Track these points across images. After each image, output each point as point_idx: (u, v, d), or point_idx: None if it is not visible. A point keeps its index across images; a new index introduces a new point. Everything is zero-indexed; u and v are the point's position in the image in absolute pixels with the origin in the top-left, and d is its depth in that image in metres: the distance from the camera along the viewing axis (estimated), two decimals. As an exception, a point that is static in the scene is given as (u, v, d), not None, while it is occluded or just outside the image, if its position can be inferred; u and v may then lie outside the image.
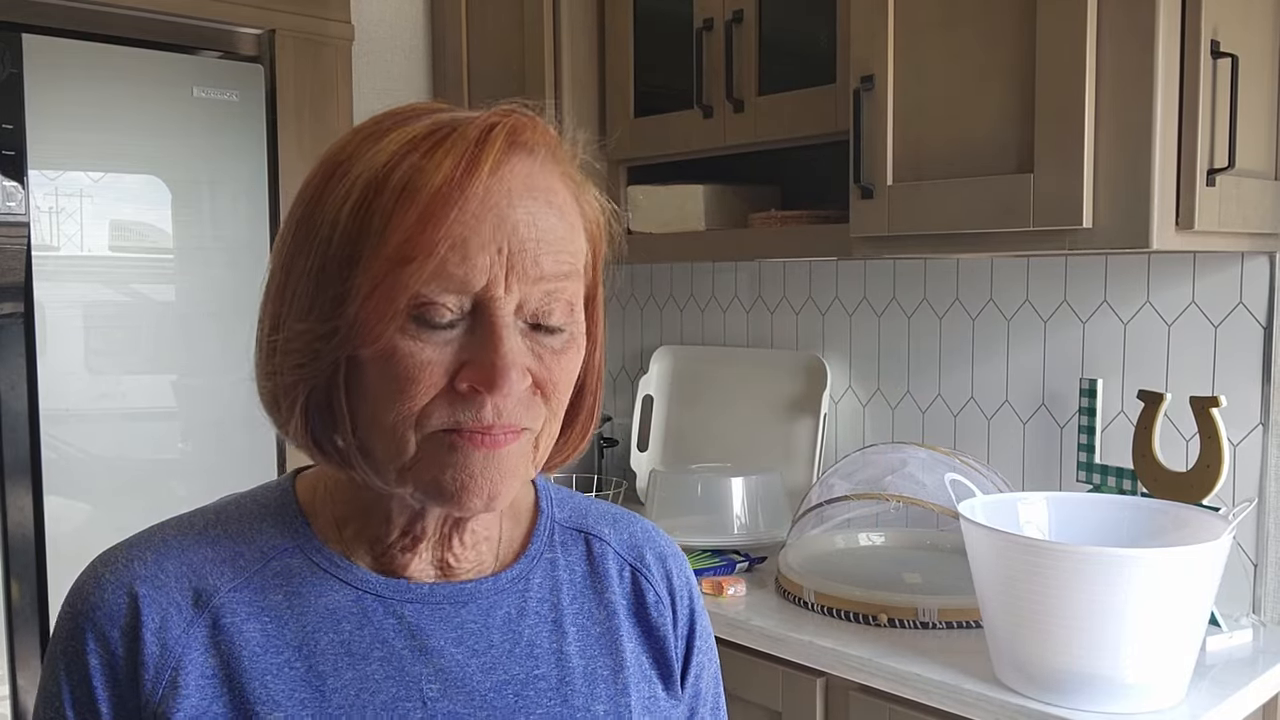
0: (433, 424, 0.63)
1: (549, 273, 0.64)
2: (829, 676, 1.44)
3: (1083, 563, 1.14)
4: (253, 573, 0.69)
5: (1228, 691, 1.27)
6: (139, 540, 0.71)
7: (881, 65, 1.50)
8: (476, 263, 0.61)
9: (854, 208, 1.55)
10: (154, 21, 1.87)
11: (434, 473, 0.64)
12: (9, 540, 1.67)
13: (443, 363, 0.62)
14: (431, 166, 0.62)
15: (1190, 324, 1.58)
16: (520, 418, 0.65)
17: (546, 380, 0.66)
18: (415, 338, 0.62)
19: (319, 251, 0.64)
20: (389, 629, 0.70)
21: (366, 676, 0.68)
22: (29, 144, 1.65)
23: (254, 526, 0.72)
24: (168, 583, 0.68)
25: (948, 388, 1.87)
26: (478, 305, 0.63)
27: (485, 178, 0.62)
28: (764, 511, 1.87)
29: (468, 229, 0.61)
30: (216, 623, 0.67)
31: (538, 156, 0.66)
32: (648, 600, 0.79)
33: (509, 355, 0.62)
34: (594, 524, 0.81)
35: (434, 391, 0.63)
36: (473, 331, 0.63)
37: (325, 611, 0.69)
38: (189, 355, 1.85)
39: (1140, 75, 1.26)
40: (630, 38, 1.96)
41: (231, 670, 0.66)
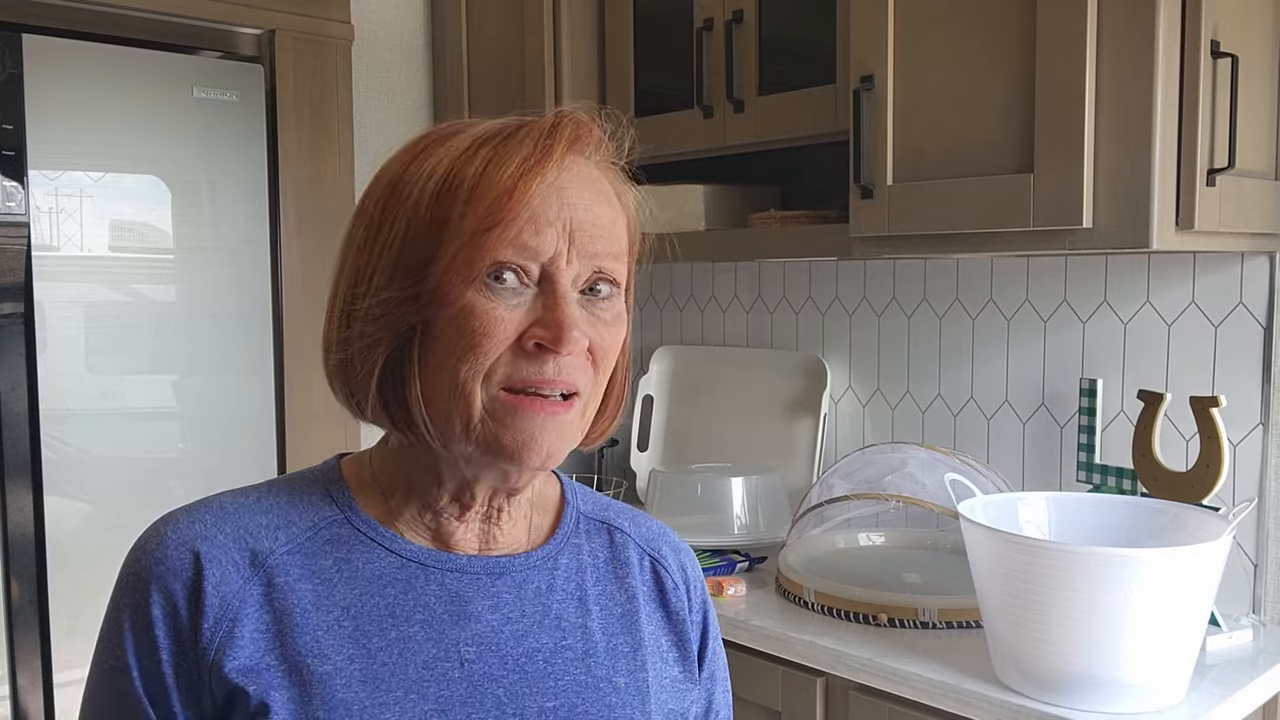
0: (497, 380, 0.70)
1: (602, 251, 0.72)
2: (829, 676, 1.44)
3: (1083, 563, 1.14)
4: (305, 539, 0.75)
5: (1228, 691, 1.27)
6: (198, 505, 0.76)
7: (881, 65, 1.50)
8: (546, 235, 0.70)
9: (854, 208, 1.55)
10: (154, 21, 1.87)
11: (497, 431, 0.71)
12: (9, 540, 1.67)
13: (514, 321, 0.70)
14: (510, 151, 0.71)
15: (1190, 324, 1.58)
16: (576, 379, 0.72)
17: (598, 346, 0.73)
18: (489, 298, 0.69)
19: (404, 222, 0.71)
20: (430, 594, 0.75)
21: (409, 637, 0.73)
22: (29, 144, 1.65)
23: (304, 499, 0.77)
24: (226, 543, 0.73)
25: (948, 388, 1.87)
26: (544, 275, 0.71)
27: (557, 164, 0.71)
28: (764, 511, 1.87)
29: (540, 206, 0.70)
30: (271, 581, 0.72)
31: (592, 155, 0.76)
32: (666, 587, 0.86)
33: (572, 316, 0.70)
34: (615, 517, 0.87)
35: (503, 346, 0.70)
36: (539, 298, 0.71)
37: (372, 576, 0.74)
38: (189, 355, 1.85)
39: (1140, 75, 1.26)
40: (630, 38, 1.96)
41: (284, 625, 0.71)
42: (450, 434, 0.72)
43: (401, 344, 0.72)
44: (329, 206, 2.04)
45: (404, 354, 0.72)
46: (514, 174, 0.70)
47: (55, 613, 1.69)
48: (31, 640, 1.69)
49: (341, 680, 0.71)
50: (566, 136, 0.73)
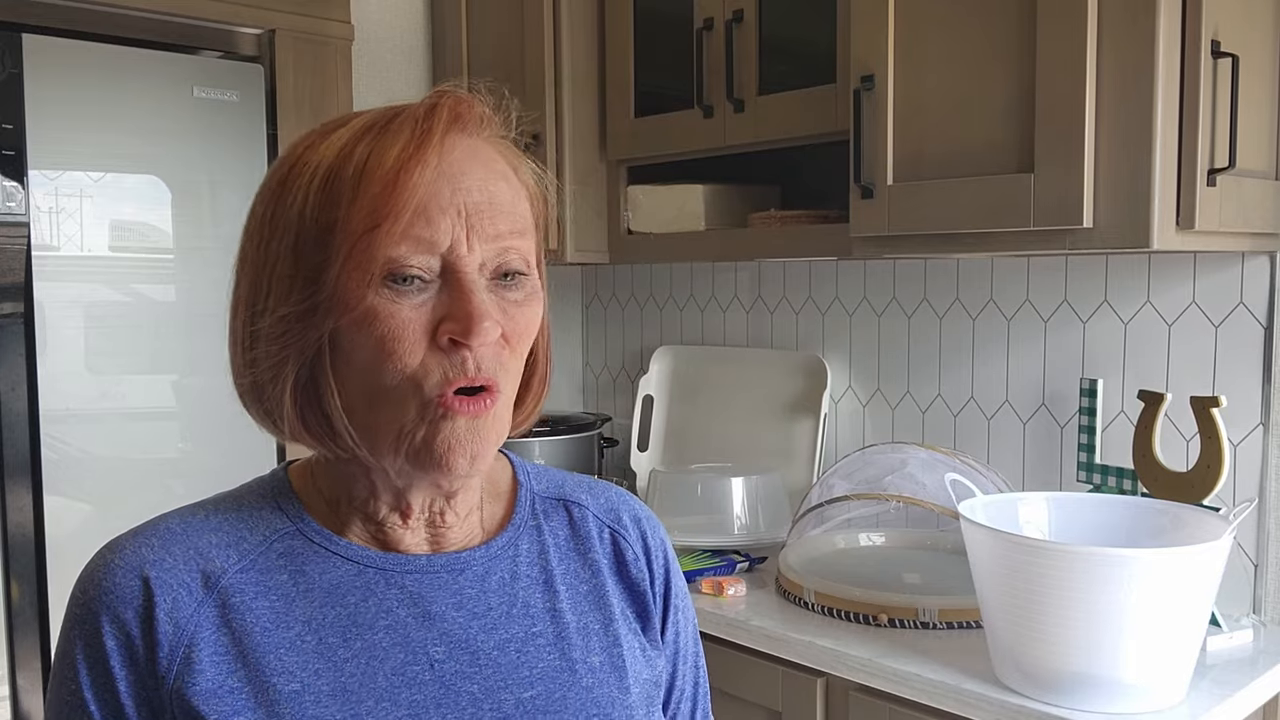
0: (429, 386, 0.67)
1: (504, 230, 0.69)
2: (829, 676, 1.44)
3: (1083, 563, 1.14)
4: (257, 555, 0.72)
5: (1228, 691, 1.27)
6: (144, 529, 0.73)
7: (882, 65, 1.50)
8: (440, 225, 0.67)
9: (854, 207, 1.55)
10: (154, 21, 1.87)
11: (426, 439, 0.68)
12: (9, 540, 1.67)
13: (421, 321, 0.67)
14: (388, 142, 0.67)
15: (1191, 324, 1.58)
16: (495, 371, 0.69)
17: (512, 332, 0.70)
18: (392, 300, 0.67)
19: (292, 233, 0.68)
20: (392, 599, 0.73)
21: (375, 645, 0.71)
22: (29, 144, 1.65)
23: (253, 513, 0.75)
24: (176, 566, 0.70)
25: (948, 388, 1.87)
26: (445, 266, 0.68)
27: (438, 147, 0.68)
28: (764, 511, 1.87)
29: (428, 195, 0.67)
30: (226, 602, 0.70)
31: (478, 132, 0.72)
32: (627, 558, 0.84)
33: (480, 305, 0.67)
34: (572, 492, 0.85)
35: (419, 349, 0.67)
36: (444, 291, 0.68)
37: (329, 587, 0.72)
38: (189, 355, 1.85)
39: (1141, 75, 1.26)
40: (630, 38, 1.96)
41: (244, 646, 0.69)
42: (380, 446, 0.70)
43: (311, 359, 0.69)
44: (329, 206, 2.03)
45: (316, 369, 0.69)
46: (394, 165, 0.66)
47: (55, 613, 1.69)
48: (31, 640, 1.69)
49: (310, 697, 0.69)
50: (444, 117, 0.69)
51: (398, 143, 0.67)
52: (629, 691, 0.78)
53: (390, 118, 0.70)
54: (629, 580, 0.83)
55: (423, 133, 0.68)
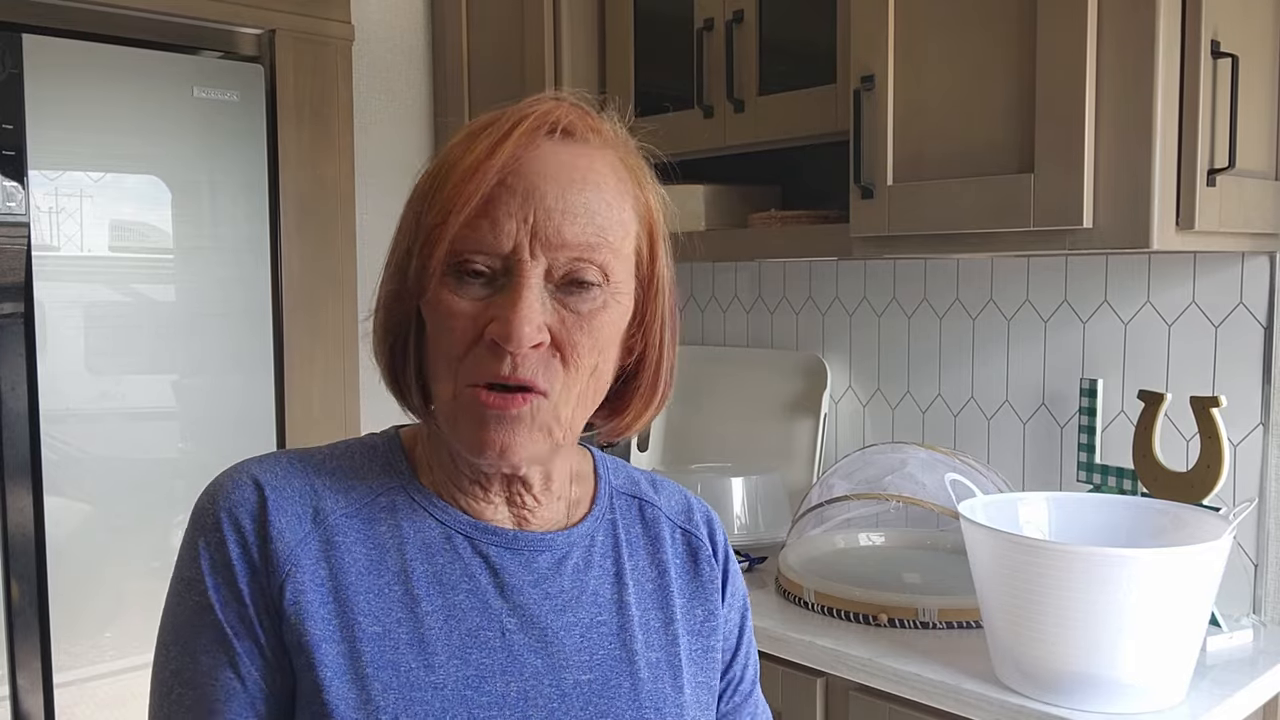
0: (464, 376, 0.72)
1: (572, 240, 0.71)
2: (829, 676, 1.44)
3: (1083, 563, 1.14)
4: (363, 504, 0.77)
5: (1228, 691, 1.27)
6: (265, 459, 0.79)
7: (882, 65, 1.50)
8: (504, 228, 0.70)
9: (854, 208, 1.55)
10: (154, 21, 1.87)
11: (461, 426, 0.73)
12: (9, 540, 1.67)
13: (474, 315, 0.71)
14: (473, 145, 0.72)
15: (1190, 324, 1.58)
16: (536, 376, 0.72)
17: (566, 343, 0.72)
18: (454, 291, 0.72)
19: (401, 224, 0.76)
20: (476, 565, 0.77)
21: (454, 605, 0.76)
22: (29, 144, 1.65)
23: (365, 465, 0.80)
24: (292, 495, 0.76)
25: (948, 388, 1.87)
26: (508, 267, 0.71)
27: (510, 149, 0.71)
28: (764, 511, 1.87)
29: (498, 196, 0.70)
30: (330, 539, 0.75)
31: (584, 142, 0.75)
32: (701, 557, 0.88)
33: (525, 311, 0.70)
34: (644, 490, 0.89)
35: (468, 341, 0.71)
36: (502, 291, 0.71)
37: (422, 544, 0.77)
38: (189, 355, 1.85)
39: (1141, 75, 1.26)
40: (630, 38, 1.96)
41: (339, 582, 0.74)
42: (440, 416, 0.75)
43: (403, 332, 0.76)
44: (329, 206, 2.04)
45: (407, 340, 0.77)
46: (468, 166, 0.71)
47: (55, 613, 1.69)
48: (31, 640, 1.69)
49: (390, 642, 0.73)
50: (530, 123, 0.73)
51: (480, 146, 0.72)
52: (682, 690, 0.81)
53: (492, 121, 0.74)
54: (701, 578, 0.87)
55: (501, 136, 0.72)
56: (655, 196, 0.80)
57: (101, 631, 1.72)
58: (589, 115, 0.76)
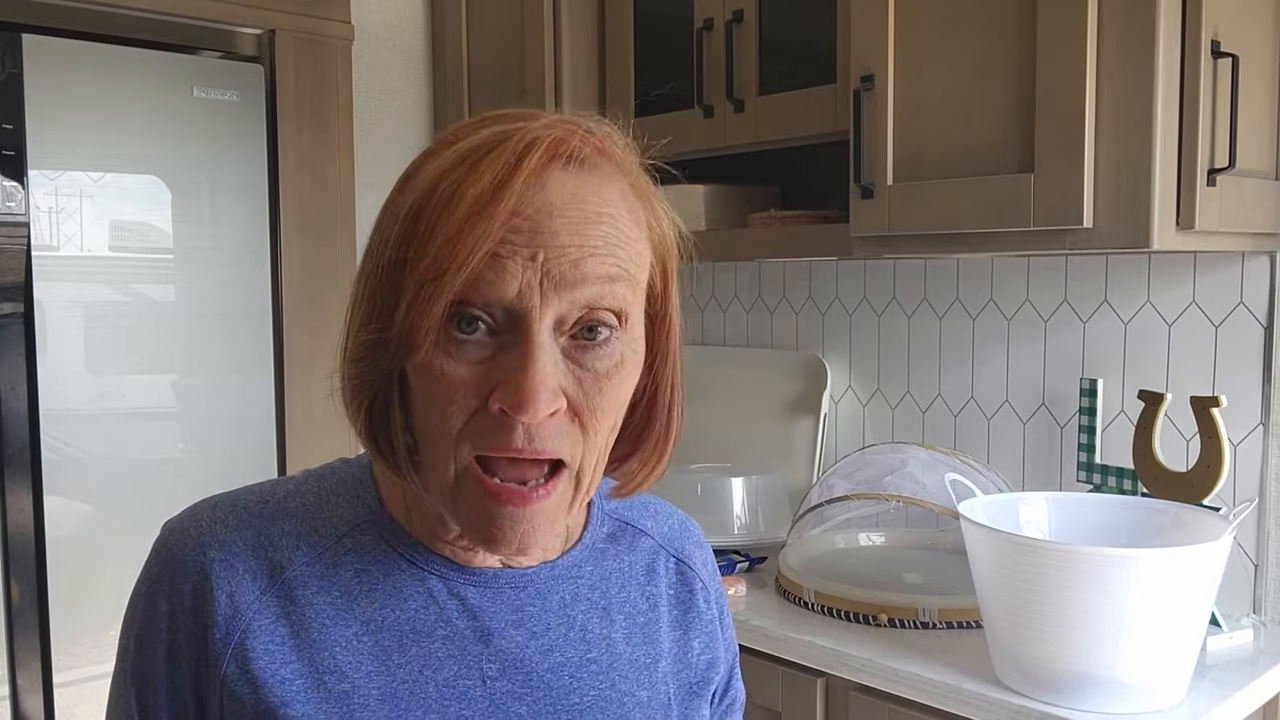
0: (467, 451, 0.63)
1: (590, 275, 0.62)
2: (829, 676, 1.44)
3: (1083, 563, 1.14)
4: (326, 548, 0.71)
5: (1228, 691, 1.27)
6: (224, 503, 0.73)
7: (882, 65, 1.50)
8: (509, 268, 0.61)
9: (854, 207, 1.55)
10: (154, 21, 1.87)
11: (469, 515, 0.65)
12: (9, 540, 1.67)
13: (476, 383, 0.62)
14: (473, 178, 0.62)
15: (1191, 324, 1.58)
16: (555, 445, 0.63)
17: (584, 407, 0.64)
18: (451, 356, 0.62)
19: (377, 259, 0.65)
20: (451, 609, 0.71)
21: (430, 654, 0.70)
22: (29, 144, 1.65)
23: (332, 501, 0.73)
24: (244, 551, 0.70)
25: (948, 388, 1.87)
26: (513, 320, 0.62)
27: (519, 187, 0.61)
28: (764, 511, 1.87)
29: (502, 237, 0.61)
30: (289, 594, 0.69)
31: (594, 169, 0.65)
32: (695, 589, 0.82)
33: (539, 375, 0.61)
34: (637, 516, 0.83)
35: (468, 413, 0.63)
36: (508, 349, 0.62)
37: (392, 589, 0.71)
38: (189, 355, 1.85)
39: (1141, 75, 1.26)
40: (630, 38, 1.96)
41: (302, 639, 0.68)
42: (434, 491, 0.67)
43: (385, 388, 0.67)
44: (329, 206, 2.04)
45: (387, 399, 0.67)
46: (468, 209, 0.61)
47: (55, 613, 1.69)
48: (31, 641, 1.69)
49: (360, 700, 0.67)
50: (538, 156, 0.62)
51: (481, 182, 0.61)
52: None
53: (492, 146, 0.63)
54: (695, 611, 0.82)
55: (509, 170, 0.61)
56: (669, 223, 0.71)
57: (102, 632, 1.72)
58: (598, 138, 0.66)
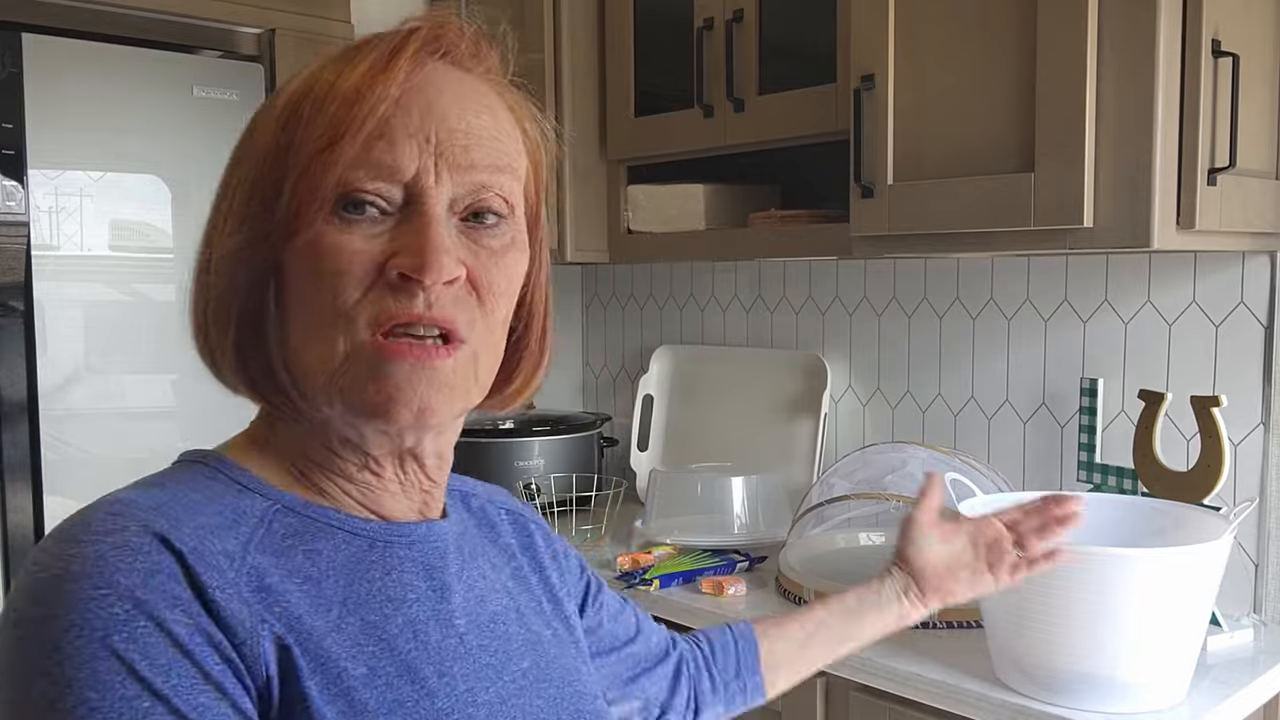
0: (361, 322, 0.61)
1: (480, 163, 0.63)
2: (829, 676, 1.44)
3: (1083, 562, 1.14)
4: (261, 537, 0.62)
5: (1228, 691, 1.27)
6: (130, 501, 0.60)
7: (882, 64, 1.50)
8: (404, 149, 0.61)
9: (854, 207, 1.55)
10: (154, 21, 1.87)
11: (360, 383, 0.61)
12: (9, 540, 1.66)
13: (371, 253, 0.61)
14: (354, 65, 0.62)
15: (1191, 323, 1.58)
16: (453, 314, 0.62)
17: (482, 278, 0.63)
18: (343, 230, 0.61)
19: (253, 159, 0.64)
20: (410, 572, 0.68)
21: (414, 619, 0.66)
22: (29, 144, 1.65)
23: (220, 496, 0.63)
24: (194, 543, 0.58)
25: (948, 387, 1.87)
26: (409, 197, 0.62)
27: (407, 65, 0.62)
28: (764, 511, 1.87)
29: (394, 114, 0.61)
30: (262, 584, 0.60)
31: (471, 66, 0.66)
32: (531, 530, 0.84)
33: (439, 238, 0.61)
34: (457, 484, 0.82)
35: (364, 284, 0.61)
36: (403, 224, 0.61)
37: (347, 564, 0.65)
38: (189, 355, 1.84)
39: (1141, 74, 1.26)
40: (630, 38, 1.96)
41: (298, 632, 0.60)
42: (315, 393, 0.63)
43: (258, 292, 0.63)
44: (329, 206, 2.04)
45: (263, 304, 0.63)
46: (356, 82, 0.61)
47: (55, 613, 1.69)
48: (31, 640, 1.69)
49: (382, 679, 0.62)
50: (421, 39, 0.63)
51: (365, 63, 0.62)
52: (585, 653, 0.79)
53: (363, 43, 0.64)
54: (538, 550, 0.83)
55: (392, 52, 0.62)
56: (536, 126, 0.70)
57: (101, 631, 1.71)
58: (471, 39, 0.67)
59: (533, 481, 1.97)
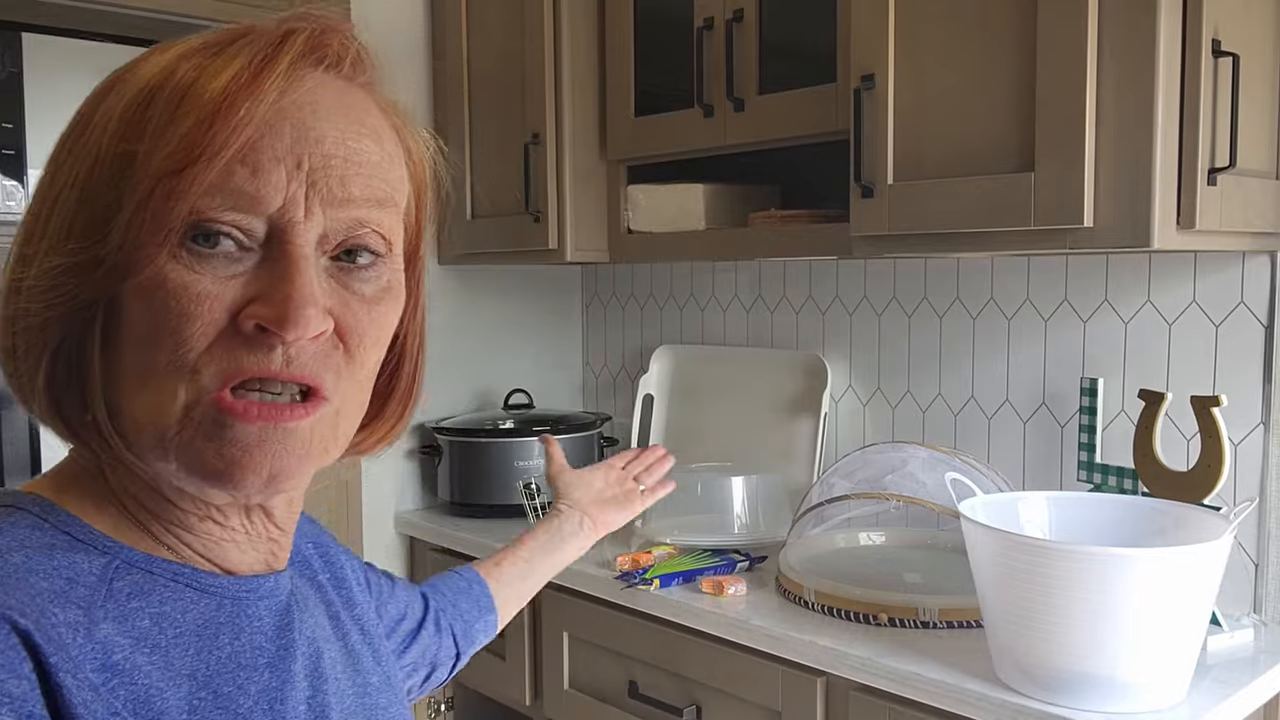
0: (209, 378, 0.52)
1: (359, 195, 0.55)
2: (829, 676, 1.44)
3: (1083, 562, 1.14)
4: (102, 600, 0.54)
5: (1229, 691, 1.27)
6: None
7: (882, 64, 1.50)
8: (270, 177, 0.52)
9: (854, 207, 1.55)
10: (154, 21, 1.87)
11: (200, 445, 0.53)
12: (9, 540, 1.67)
13: (223, 298, 0.52)
14: (219, 65, 0.53)
15: (1191, 323, 1.58)
16: (316, 371, 0.54)
17: (352, 330, 0.56)
18: (192, 267, 0.52)
19: (85, 164, 0.54)
20: (259, 632, 0.61)
21: (266, 687, 0.60)
22: (29, 144, 1.65)
23: (46, 554, 0.54)
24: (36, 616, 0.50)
25: (948, 387, 1.87)
26: (273, 232, 0.53)
27: (281, 80, 0.53)
28: (764, 511, 1.87)
29: (259, 136, 0.52)
30: (108, 660, 0.52)
31: (353, 75, 0.59)
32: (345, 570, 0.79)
33: (306, 287, 0.53)
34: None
35: (213, 333, 0.52)
36: (264, 264, 0.53)
37: (197, 628, 0.58)
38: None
39: (1141, 74, 1.26)
40: (630, 37, 1.96)
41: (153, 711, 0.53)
42: (143, 448, 0.55)
43: (80, 328, 0.53)
44: (329, 206, 2.04)
45: (85, 340, 0.54)
46: (220, 93, 0.51)
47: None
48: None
49: None
50: (300, 45, 0.55)
51: (232, 66, 0.53)
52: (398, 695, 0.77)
53: (232, 39, 0.55)
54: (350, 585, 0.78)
55: (265, 60, 0.53)
56: (422, 146, 0.63)
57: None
58: (358, 46, 0.59)
59: (533, 481, 1.97)
